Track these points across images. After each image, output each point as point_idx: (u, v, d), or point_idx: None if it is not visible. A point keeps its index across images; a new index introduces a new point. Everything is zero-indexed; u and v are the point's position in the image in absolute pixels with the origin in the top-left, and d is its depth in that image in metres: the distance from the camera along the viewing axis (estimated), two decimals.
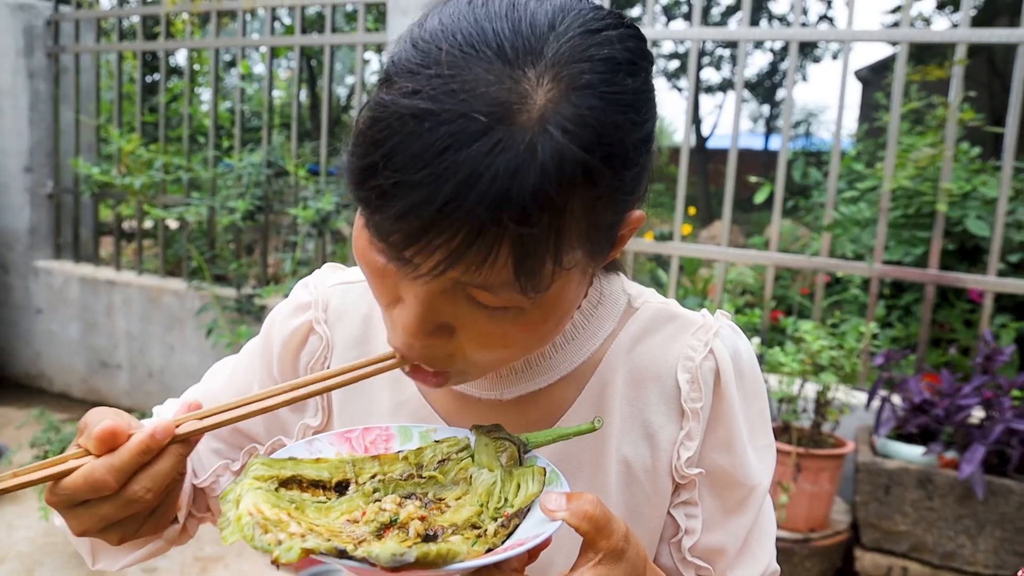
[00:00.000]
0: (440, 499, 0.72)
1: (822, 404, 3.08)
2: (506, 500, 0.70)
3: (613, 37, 0.62)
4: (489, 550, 0.64)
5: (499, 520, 0.68)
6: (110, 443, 0.67)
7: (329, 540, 0.60)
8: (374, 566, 0.57)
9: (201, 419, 0.71)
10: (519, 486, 0.70)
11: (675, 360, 0.83)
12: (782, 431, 3.12)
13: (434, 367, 0.70)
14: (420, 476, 0.73)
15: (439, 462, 0.75)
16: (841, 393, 3.13)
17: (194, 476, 0.94)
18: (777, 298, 5.04)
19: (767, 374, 3.20)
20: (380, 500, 0.70)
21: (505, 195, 0.55)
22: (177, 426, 0.70)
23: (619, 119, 0.60)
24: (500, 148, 0.54)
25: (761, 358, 3.21)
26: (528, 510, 0.69)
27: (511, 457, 0.73)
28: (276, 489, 0.68)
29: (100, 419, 0.69)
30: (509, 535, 0.66)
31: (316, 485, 0.71)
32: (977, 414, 2.98)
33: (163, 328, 4.88)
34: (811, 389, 3.15)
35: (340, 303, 0.91)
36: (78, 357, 5.25)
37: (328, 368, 0.89)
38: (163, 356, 4.89)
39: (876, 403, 3.06)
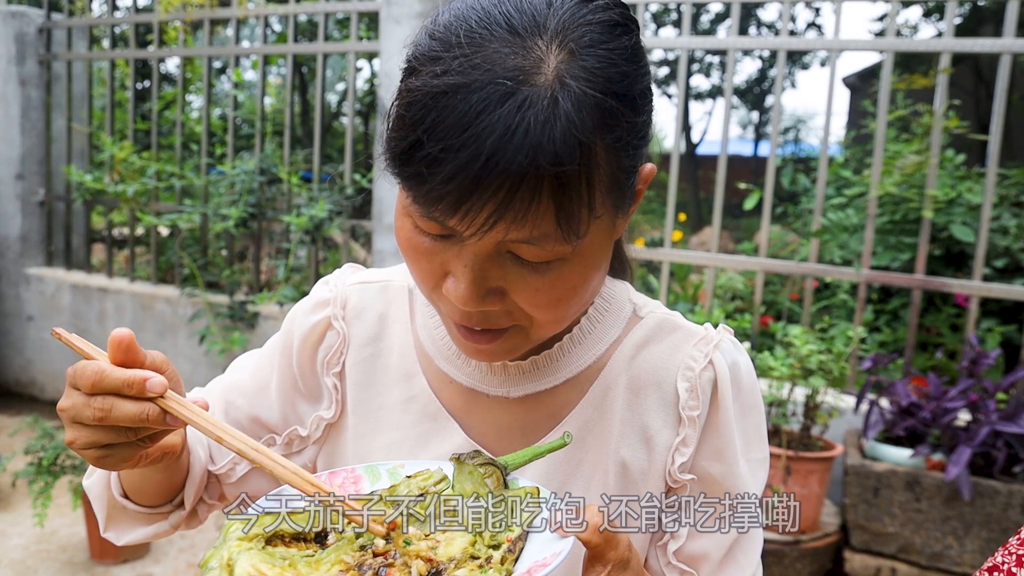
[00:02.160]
0: (426, 535, 0.70)
1: (811, 408, 3.11)
2: (501, 525, 0.69)
3: (602, 5, 0.69)
4: None
5: (503, 546, 0.67)
6: (118, 352, 0.72)
7: None
8: None
9: (190, 412, 0.73)
10: (512, 510, 0.70)
11: (676, 369, 0.86)
12: (772, 435, 3.15)
13: (494, 327, 0.74)
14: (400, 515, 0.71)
15: (417, 497, 0.73)
16: (830, 397, 3.17)
17: (211, 462, 0.97)
18: (766, 303, 5.08)
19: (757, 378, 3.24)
20: (366, 547, 0.69)
21: (539, 143, 0.61)
22: (164, 396, 0.72)
23: (623, 69, 0.67)
24: (528, 104, 0.61)
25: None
26: (527, 532, 0.68)
27: (497, 481, 0.72)
28: (263, 548, 0.67)
29: (134, 346, 0.73)
30: (516, 559, 0.66)
31: (297, 538, 0.70)
32: (963, 417, 3.02)
33: (156, 335, 4.88)
34: (800, 393, 3.19)
35: (358, 301, 0.94)
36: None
37: (342, 363, 0.93)
38: None
39: (864, 406, 3.10)
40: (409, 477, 0.76)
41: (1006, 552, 0.85)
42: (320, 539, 0.70)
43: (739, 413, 0.86)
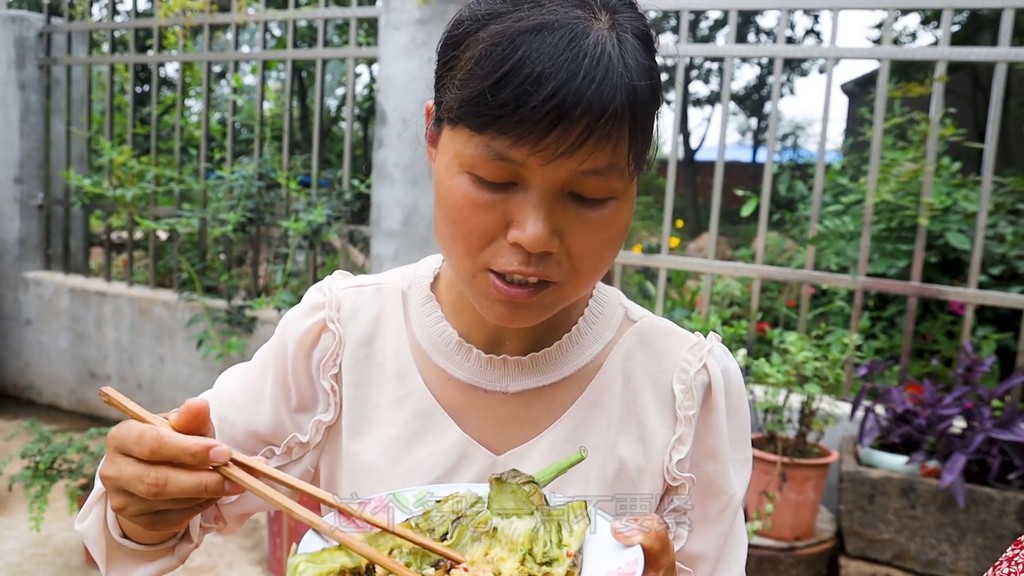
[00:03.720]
0: (472, 562, 0.70)
1: (807, 414, 3.12)
2: (551, 542, 0.69)
3: None
4: None
5: (566, 561, 0.68)
6: (190, 423, 0.70)
7: None
8: None
9: (253, 479, 0.71)
10: (561, 526, 0.70)
11: (671, 371, 0.91)
12: (767, 441, 3.16)
13: (546, 277, 0.77)
14: (440, 540, 0.71)
15: (453, 521, 0.73)
16: (825, 403, 3.18)
17: None
18: (763, 310, 5.09)
19: (753, 385, 3.25)
20: (423, 572, 0.69)
21: (621, 68, 0.70)
22: (230, 462, 0.71)
23: (651, 32, 0.78)
24: (602, 39, 0.71)
25: (747, 369, 3.25)
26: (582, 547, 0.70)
27: (540, 497, 0.73)
28: None
29: (201, 404, 0.72)
30: (579, 573, 0.67)
31: (354, 572, 0.69)
32: (958, 424, 3.03)
33: (153, 339, 4.89)
34: (796, 400, 3.20)
35: (353, 303, 0.96)
36: (67, 368, 5.24)
37: (338, 365, 0.94)
38: (153, 367, 4.89)
39: (860, 413, 3.11)
40: (439, 502, 0.76)
41: (1010, 563, 0.85)
42: (369, 572, 0.70)
43: (728, 415, 0.91)
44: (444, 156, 0.78)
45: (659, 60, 0.78)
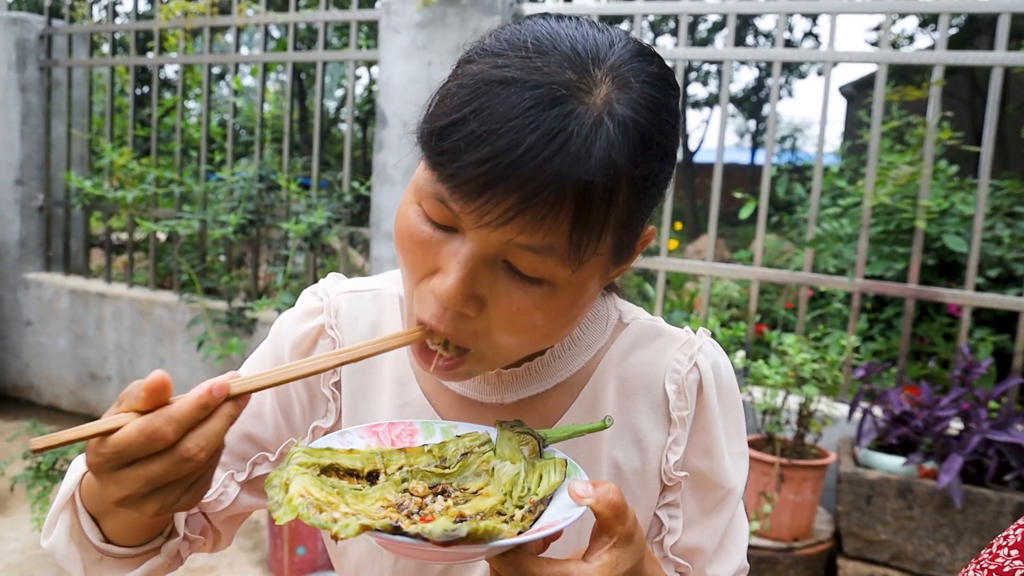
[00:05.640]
0: (464, 488, 0.76)
1: (805, 416, 3.14)
2: (529, 489, 0.75)
3: (657, 62, 0.73)
4: (520, 532, 0.69)
5: (525, 507, 0.73)
6: (160, 395, 0.66)
7: (383, 518, 0.67)
8: (426, 541, 0.62)
9: (255, 381, 0.72)
10: (541, 476, 0.75)
11: (663, 372, 0.90)
12: (766, 442, 3.17)
13: (457, 341, 0.75)
14: (445, 467, 0.78)
15: (462, 455, 0.79)
16: (823, 405, 3.19)
17: None
18: (762, 312, 5.11)
19: (752, 386, 3.26)
20: (409, 488, 0.75)
21: (577, 153, 0.64)
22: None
23: (665, 118, 0.71)
24: (575, 115, 0.64)
25: (746, 371, 3.26)
26: (551, 498, 0.74)
27: (532, 450, 0.78)
28: (318, 475, 0.72)
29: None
30: (535, 520, 0.72)
31: (351, 474, 0.75)
32: (955, 425, 3.04)
33: (153, 341, 4.90)
34: (794, 401, 3.22)
35: (350, 309, 0.95)
36: (67, 369, 5.25)
37: (339, 373, 0.94)
38: (153, 368, 4.86)
39: (857, 415, 3.13)
40: (459, 436, 0.81)
41: (977, 566, 0.87)
42: (371, 478, 0.75)
43: (722, 410, 0.91)
44: (412, 178, 0.77)
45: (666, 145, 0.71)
